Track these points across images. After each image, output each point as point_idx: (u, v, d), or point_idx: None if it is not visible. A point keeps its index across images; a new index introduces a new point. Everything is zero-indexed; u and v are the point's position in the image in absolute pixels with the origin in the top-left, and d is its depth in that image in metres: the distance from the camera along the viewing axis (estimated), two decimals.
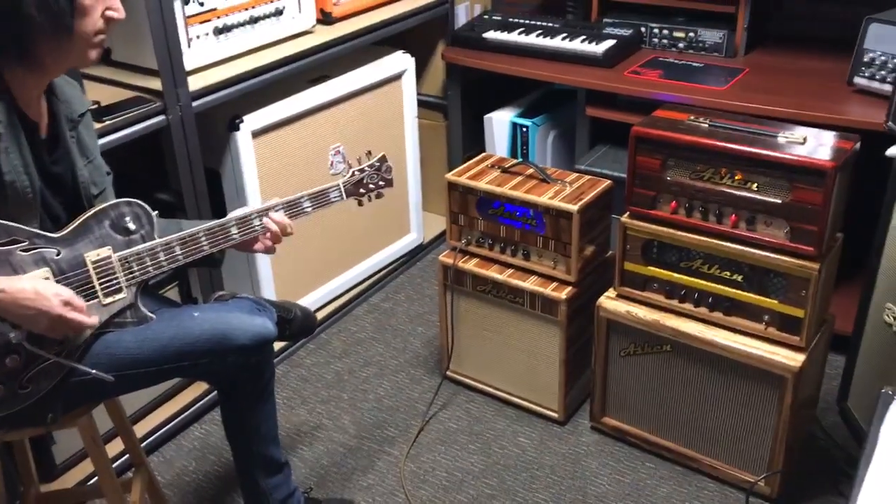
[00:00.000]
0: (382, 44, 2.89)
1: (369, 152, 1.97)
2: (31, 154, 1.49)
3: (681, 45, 2.92)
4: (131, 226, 1.61)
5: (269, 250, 1.79)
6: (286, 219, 1.78)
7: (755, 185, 1.94)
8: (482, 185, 2.33)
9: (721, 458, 2.18)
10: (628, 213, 2.14)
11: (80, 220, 1.57)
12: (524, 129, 3.06)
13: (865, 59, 2.43)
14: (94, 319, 1.53)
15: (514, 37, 2.97)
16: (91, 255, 1.55)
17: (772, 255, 1.95)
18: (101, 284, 1.56)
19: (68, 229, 1.56)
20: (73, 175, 1.62)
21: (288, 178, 2.61)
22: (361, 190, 1.93)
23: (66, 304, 1.46)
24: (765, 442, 2.08)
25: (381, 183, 1.95)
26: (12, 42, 1.41)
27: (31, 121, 1.52)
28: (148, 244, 1.62)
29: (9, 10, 1.37)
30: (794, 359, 1.97)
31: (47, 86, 1.56)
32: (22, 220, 1.49)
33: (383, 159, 1.95)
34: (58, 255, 1.52)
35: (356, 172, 1.91)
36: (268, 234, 1.76)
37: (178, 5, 2.16)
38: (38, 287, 1.44)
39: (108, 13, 1.49)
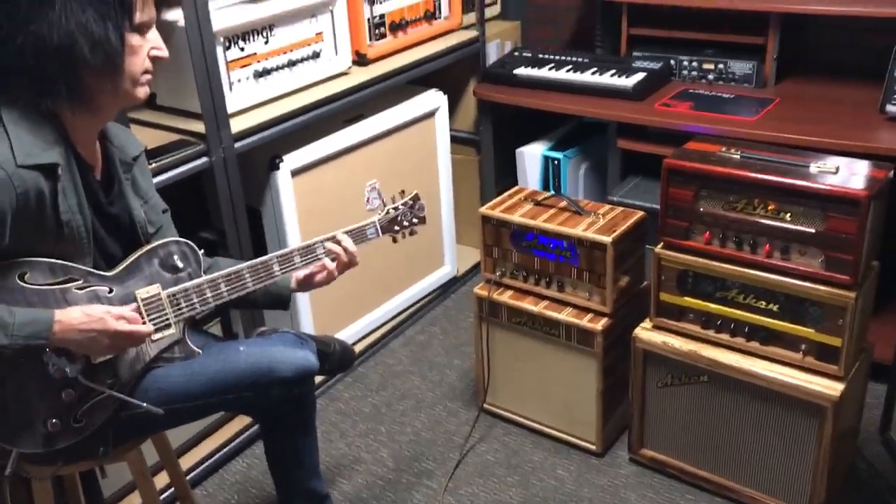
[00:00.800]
0: (416, 83, 2.95)
1: (402, 191, 2.03)
2: (86, 195, 1.56)
3: (711, 76, 2.95)
4: (179, 264, 1.67)
5: (330, 276, 1.84)
6: (352, 245, 1.84)
7: (788, 214, 1.96)
8: (516, 217, 2.37)
9: (761, 489, 2.17)
10: (662, 244, 2.16)
11: (132, 259, 1.64)
12: (556, 162, 3.10)
13: None
14: (149, 327, 1.59)
15: (545, 72, 3.02)
16: (141, 293, 1.61)
17: (807, 284, 1.96)
18: (150, 320, 1.62)
19: (120, 268, 1.62)
20: (130, 215, 1.69)
21: (326, 214, 2.67)
22: (396, 227, 1.99)
23: (119, 318, 1.52)
24: (805, 473, 2.07)
25: (414, 220, 2.01)
26: (67, 83, 1.47)
27: (88, 164, 1.59)
28: (195, 281, 1.67)
29: (63, 53, 1.44)
30: (833, 388, 1.97)
31: (101, 132, 1.64)
32: (76, 259, 1.55)
33: (416, 198, 2.02)
34: (110, 292, 1.58)
35: (391, 210, 1.98)
36: (334, 261, 1.82)
37: (220, 51, 2.25)
38: (85, 310, 1.50)
39: (154, 52, 1.56)
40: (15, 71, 1.46)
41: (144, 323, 1.59)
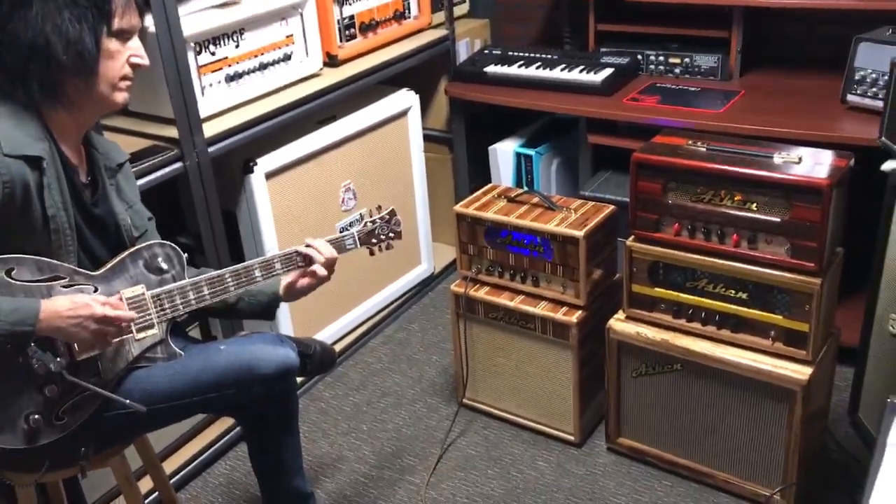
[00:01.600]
0: (387, 83, 2.97)
1: (379, 206, 2.10)
2: (70, 194, 1.58)
3: (677, 70, 3.00)
4: (163, 266, 1.70)
5: (320, 280, 1.86)
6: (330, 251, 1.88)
7: (754, 204, 2.01)
8: (490, 215, 2.40)
9: (736, 473, 2.22)
10: (633, 236, 2.20)
11: (117, 259, 1.67)
12: (528, 159, 3.14)
13: (857, 77, 2.51)
14: (133, 313, 1.61)
15: (515, 70, 3.06)
16: (126, 292, 1.63)
17: (774, 272, 2.01)
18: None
19: (106, 268, 1.65)
20: (115, 219, 1.72)
21: (302, 216, 2.69)
22: (373, 240, 2.04)
23: (105, 304, 1.54)
24: (778, 455, 2.12)
25: (391, 235, 2.07)
26: (40, 80, 1.52)
27: (72, 164, 1.62)
28: (178, 283, 1.70)
29: (36, 51, 1.49)
30: (802, 372, 2.02)
31: (85, 137, 1.67)
32: (61, 257, 1.58)
33: (393, 213, 2.08)
34: (95, 291, 1.61)
35: (368, 223, 2.03)
36: (317, 265, 1.85)
37: (191, 56, 2.26)
38: (73, 297, 1.53)
39: (133, 59, 1.60)
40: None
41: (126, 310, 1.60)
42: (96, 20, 1.52)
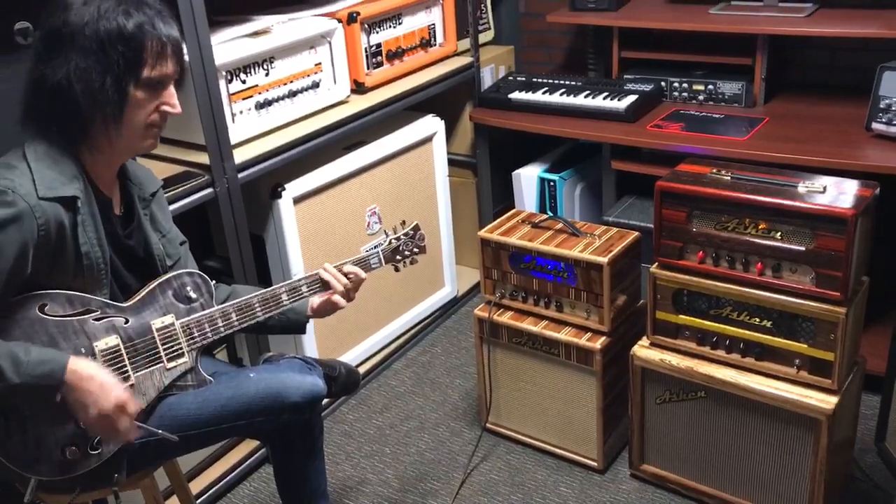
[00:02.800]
0: (413, 109, 3.02)
1: (403, 222, 2.10)
2: (104, 228, 1.62)
3: (701, 97, 3.01)
4: (192, 294, 1.73)
5: (341, 301, 1.90)
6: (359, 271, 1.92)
7: (779, 233, 2.01)
8: (514, 240, 2.42)
9: (760, 502, 2.21)
10: (657, 263, 2.21)
11: (147, 289, 1.70)
12: (552, 184, 3.16)
13: (882, 106, 2.51)
14: (133, 434, 1.58)
15: (539, 96, 3.09)
16: (156, 323, 1.67)
17: (799, 300, 2.01)
18: (164, 350, 1.68)
19: (136, 298, 1.68)
20: (148, 248, 1.75)
21: (328, 239, 2.73)
22: (398, 257, 2.06)
23: (121, 409, 1.53)
24: (803, 484, 2.11)
25: (415, 250, 2.09)
26: (66, 124, 1.55)
27: (106, 198, 1.66)
28: (207, 311, 1.73)
29: (61, 96, 1.52)
30: (827, 401, 2.02)
31: (120, 169, 1.70)
32: (93, 290, 1.61)
33: (416, 228, 2.09)
34: (126, 322, 1.64)
35: (392, 241, 2.05)
36: (337, 296, 1.89)
37: (222, 84, 2.31)
38: (104, 381, 1.52)
39: (164, 108, 1.61)
40: (28, 108, 1.56)
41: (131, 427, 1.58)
42: (123, 70, 1.52)
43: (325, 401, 2.75)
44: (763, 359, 2.12)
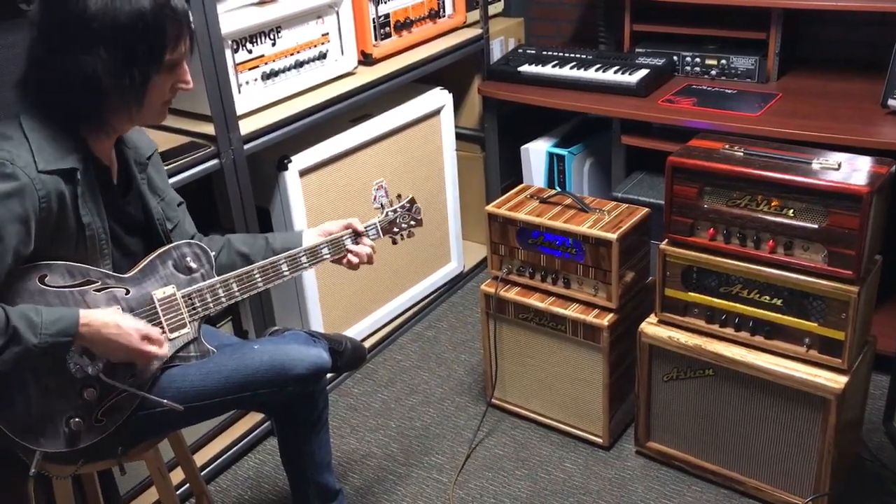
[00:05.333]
0: (421, 81, 2.98)
1: (399, 195, 2.11)
2: (104, 198, 1.60)
3: (713, 72, 2.97)
4: (193, 265, 1.71)
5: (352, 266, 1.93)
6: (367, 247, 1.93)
7: (791, 210, 1.98)
8: (522, 215, 2.40)
9: (767, 481, 2.20)
10: (667, 240, 2.18)
11: (147, 261, 1.68)
12: (560, 159, 3.13)
13: None
14: (165, 350, 1.63)
15: (549, 69, 3.04)
16: (157, 294, 1.65)
17: (810, 279, 1.99)
18: (166, 320, 1.66)
19: (136, 269, 1.66)
20: (148, 214, 1.73)
21: (334, 213, 2.70)
22: (395, 229, 2.06)
23: (144, 337, 1.57)
24: (811, 464, 2.10)
25: (412, 223, 2.09)
26: (87, 110, 1.54)
27: (104, 167, 1.64)
28: (208, 282, 1.72)
29: (87, 87, 1.49)
30: (837, 381, 2.00)
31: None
32: (94, 262, 1.60)
33: (413, 201, 2.09)
34: (127, 293, 1.62)
35: (389, 213, 2.05)
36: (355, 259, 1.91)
37: (228, 54, 2.28)
38: (119, 321, 1.54)
39: (179, 85, 1.61)
40: (42, 90, 1.53)
41: (164, 345, 1.62)
42: (148, 59, 1.51)
43: (330, 375, 2.76)
44: (772, 337, 2.10)
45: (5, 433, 1.54)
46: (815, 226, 1.95)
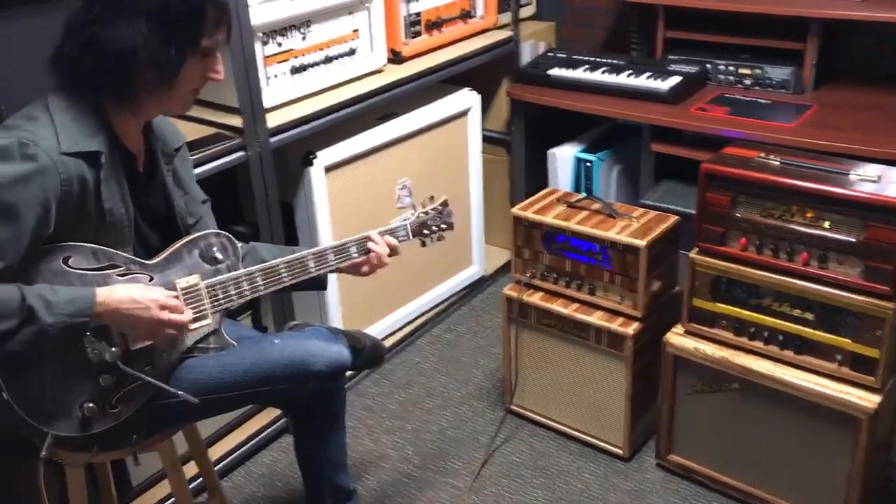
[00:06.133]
0: (449, 81, 2.95)
1: (432, 197, 2.05)
2: (127, 185, 1.58)
3: (747, 81, 2.92)
4: (219, 256, 1.69)
5: (373, 270, 1.88)
6: (392, 241, 1.88)
7: (827, 222, 1.93)
8: (548, 219, 2.36)
9: (792, 500, 2.15)
10: (697, 249, 2.14)
11: (173, 248, 1.66)
12: (588, 165, 3.09)
13: None
14: (189, 315, 1.59)
15: (579, 73, 3.01)
16: (181, 282, 1.63)
17: (845, 293, 1.93)
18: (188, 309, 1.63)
19: (161, 257, 1.64)
20: (170, 206, 1.71)
21: (357, 211, 2.68)
22: (425, 231, 2.01)
23: (163, 307, 1.53)
24: (838, 486, 2.04)
25: (443, 226, 2.04)
26: (117, 86, 1.51)
27: (131, 153, 1.62)
28: (233, 273, 1.69)
29: (120, 61, 1.47)
30: (869, 400, 1.94)
31: (145, 124, 1.65)
32: (117, 247, 1.57)
33: (445, 204, 2.04)
34: (150, 280, 1.60)
35: (421, 214, 2.00)
36: (373, 259, 1.85)
37: (258, 46, 2.26)
38: (133, 294, 1.51)
39: (210, 75, 1.59)
40: (74, 64, 1.50)
41: (184, 312, 1.59)
42: (186, 41, 1.50)
43: (348, 374, 2.73)
44: (803, 352, 2.04)
45: (17, 414, 1.51)
46: (852, 239, 1.90)
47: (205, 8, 1.51)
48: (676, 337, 2.22)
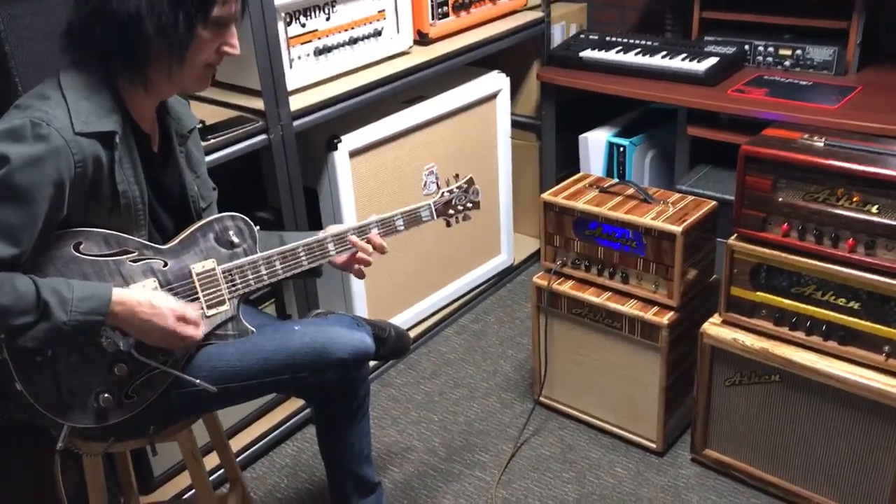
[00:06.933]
0: (477, 64, 2.88)
1: (457, 175, 1.99)
2: (142, 166, 1.52)
3: (787, 62, 2.80)
4: (235, 239, 1.63)
5: (359, 274, 1.81)
6: (380, 239, 1.80)
7: (875, 207, 1.83)
8: (580, 205, 2.28)
9: (834, 498, 2.05)
10: (736, 235, 2.05)
11: (187, 232, 1.60)
12: (621, 149, 2.99)
13: None
14: (200, 332, 1.55)
15: (612, 56, 2.91)
16: (196, 267, 1.58)
17: (894, 281, 1.83)
18: (204, 296, 1.59)
19: (175, 241, 1.59)
20: (183, 188, 1.66)
21: (382, 196, 2.62)
22: (450, 211, 1.95)
23: (180, 318, 1.50)
24: (885, 482, 1.94)
25: (468, 205, 1.98)
26: (125, 56, 1.45)
27: (145, 134, 1.56)
28: (250, 258, 1.64)
29: (129, 30, 1.41)
30: None
31: (159, 104, 1.60)
32: (131, 232, 1.52)
33: (471, 182, 1.97)
34: (164, 266, 1.55)
35: (445, 193, 1.94)
36: (358, 254, 1.77)
37: (281, 26, 2.21)
38: (152, 300, 1.47)
39: (225, 48, 1.52)
40: (83, 34, 1.45)
41: (199, 326, 1.55)
42: (195, 8, 1.44)
43: (373, 364, 2.68)
44: (847, 343, 1.95)
45: (33, 406, 1.47)
46: None
47: None
48: (713, 327, 2.13)
